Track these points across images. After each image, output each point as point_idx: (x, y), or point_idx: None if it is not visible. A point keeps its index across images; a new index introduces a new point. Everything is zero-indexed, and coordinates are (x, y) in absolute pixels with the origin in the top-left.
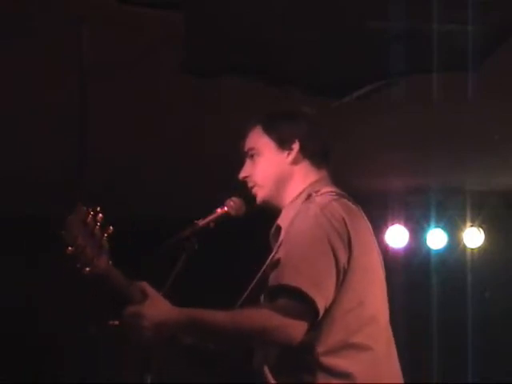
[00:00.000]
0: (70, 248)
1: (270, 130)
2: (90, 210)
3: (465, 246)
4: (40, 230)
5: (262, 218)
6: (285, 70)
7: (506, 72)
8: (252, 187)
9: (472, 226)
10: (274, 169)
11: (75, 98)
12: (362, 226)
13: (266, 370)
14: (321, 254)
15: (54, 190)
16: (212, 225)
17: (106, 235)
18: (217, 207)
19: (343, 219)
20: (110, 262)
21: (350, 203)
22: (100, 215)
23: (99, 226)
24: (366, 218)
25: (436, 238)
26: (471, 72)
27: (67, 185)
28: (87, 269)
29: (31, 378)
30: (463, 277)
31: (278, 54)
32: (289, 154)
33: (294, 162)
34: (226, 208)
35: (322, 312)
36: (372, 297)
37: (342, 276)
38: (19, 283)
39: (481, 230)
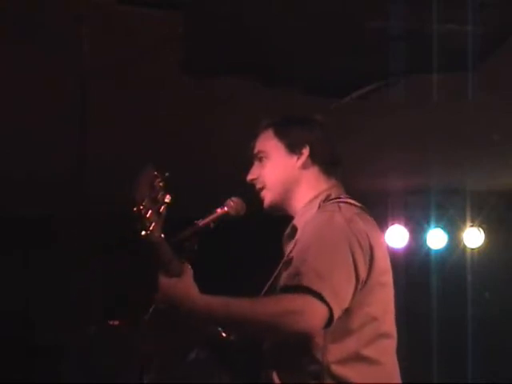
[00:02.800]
0: (135, 208)
1: (281, 134)
2: (158, 174)
3: (465, 246)
4: (40, 230)
5: (262, 218)
6: (285, 70)
7: (506, 72)
8: (260, 190)
9: (472, 225)
10: (282, 172)
11: (75, 97)
12: (381, 241)
13: (274, 374)
14: (343, 265)
15: (54, 190)
16: (212, 225)
17: (166, 202)
18: (217, 207)
19: (367, 235)
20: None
21: (369, 217)
22: (163, 182)
23: (163, 192)
24: (379, 229)
25: (436, 238)
26: (471, 72)
27: (67, 185)
28: (144, 233)
29: (31, 378)
30: (463, 277)
31: (278, 54)
32: (298, 159)
33: (303, 167)
34: (225, 208)
35: (335, 319)
36: (387, 313)
37: (360, 290)
38: (19, 283)
39: (481, 230)
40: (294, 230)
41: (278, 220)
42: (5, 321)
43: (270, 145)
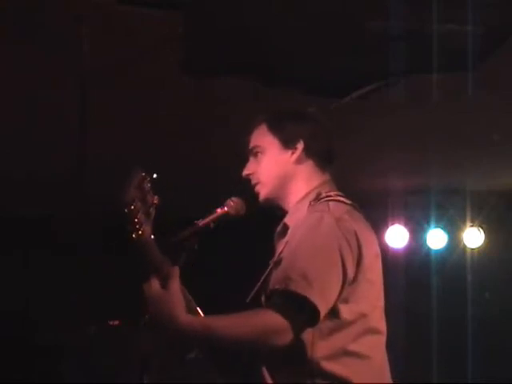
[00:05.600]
0: (125, 210)
1: (275, 129)
2: (146, 175)
3: (465, 246)
4: (40, 230)
5: (262, 218)
6: (285, 70)
7: (506, 72)
8: (255, 185)
9: (472, 225)
10: (277, 167)
11: (75, 97)
12: (371, 239)
13: (264, 369)
14: (331, 265)
15: (54, 190)
16: (212, 225)
17: (154, 203)
18: (217, 207)
19: (356, 234)
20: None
21: (358, 213)
22: (149, 184)
23: (151, 194)
24: (370, 227)
25: (436, 238)
26: (471, 72)
27: (67, 185)
28: (134, 235)
29: (31, 378)
30: (463, 277)
31: (278, 54)
32: (293, 154)
33: (298, 162)
34: (225, 208)
35: (320, 320)
36: (375, 309)
37: (347, 287)
38: (19, 283)
39: (481, 230)
40: (286, 228)
41: (278, 220)
42: (5, 321)
43: (264, 140)
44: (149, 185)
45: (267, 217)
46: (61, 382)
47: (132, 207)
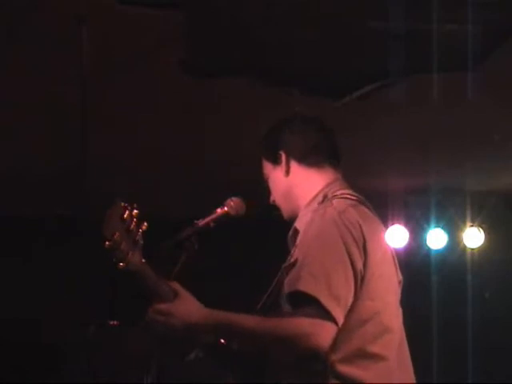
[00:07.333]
0: (107, 243)
1: (265, 154)
2: (128, 205)
3: (465, 246)
4: (40, 230)
5: (262, 218)
6: (285, 70)
7: (506, 72)
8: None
9: (472, 226)
10: (278, 186)
11: (75, 97)
12: (378, 233)
13: (278, 374)
14: (338, 261)
15: (54, 190)
16: (212, 225)
17: (140, 231)
18: (217, 207)
19: (360, 226)
20: (143, 259)
21: (366, 209)
22: (135, 211)
23: (135, 222)
24: (381, 223)
25: (436, 238)
26: (471, 72)
27: (67, 185)
28: (121, 264)
29: (31, 378)
30: (463, 277)
31: (279, 54)
32: (281, 167)
33: (287, 172)
34: (225, 208)
35: (340, 323)
36: (388, 306)
37: (360, 282)
38: (18, 283)
39: (481, 229)
40: (296, 232)
41: (278, 220)
42: (5, 321)
43: (265, 168)
44: (133, 212)
45: (267, 217)
46: (61, 381)
47: (113, 240)
